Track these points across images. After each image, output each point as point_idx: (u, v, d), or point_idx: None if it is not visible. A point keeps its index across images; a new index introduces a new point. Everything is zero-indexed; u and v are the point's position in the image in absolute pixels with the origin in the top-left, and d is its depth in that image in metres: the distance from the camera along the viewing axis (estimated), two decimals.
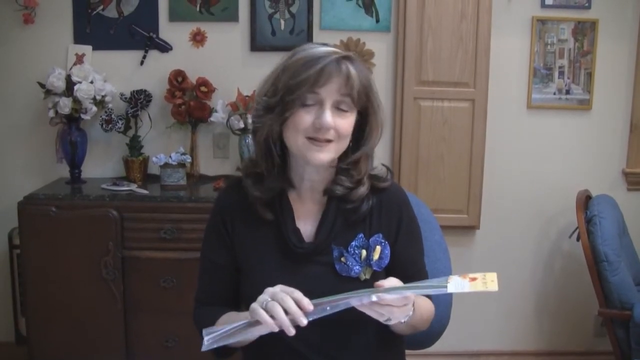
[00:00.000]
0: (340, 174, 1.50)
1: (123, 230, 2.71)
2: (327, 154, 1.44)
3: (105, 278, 2.71)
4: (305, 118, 1.42)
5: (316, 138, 1.42)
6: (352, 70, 1.42)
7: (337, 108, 1.43)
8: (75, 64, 3.02)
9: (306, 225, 1.52)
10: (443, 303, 1.85)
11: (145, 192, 2.83)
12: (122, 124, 2.99)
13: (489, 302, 3.36)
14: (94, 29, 3.06)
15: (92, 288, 2.71)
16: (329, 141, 1.43)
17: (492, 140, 3.17)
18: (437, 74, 3.06)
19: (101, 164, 3.16)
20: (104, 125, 2.97)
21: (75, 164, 3.01)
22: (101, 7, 3.05)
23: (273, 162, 1.50)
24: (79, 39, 3.07)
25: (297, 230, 1.50)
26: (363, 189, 1.50)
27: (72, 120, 2.96)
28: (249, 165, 1.54)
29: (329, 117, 1.40)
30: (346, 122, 1.44)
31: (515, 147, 3.27)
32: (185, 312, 2.70)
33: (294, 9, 3.08)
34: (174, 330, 2.75)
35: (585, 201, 2.93)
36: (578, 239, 2.84)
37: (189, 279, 2.69)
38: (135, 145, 3.05)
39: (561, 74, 3.21)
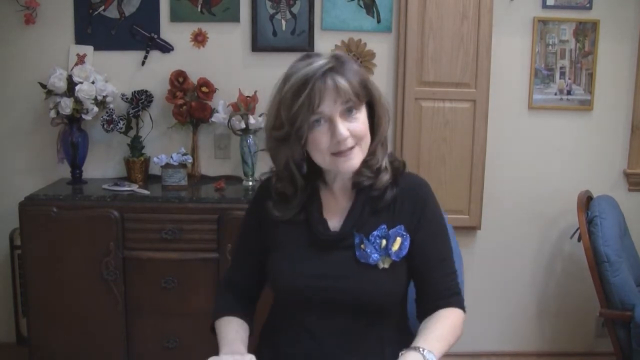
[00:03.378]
0: (361, 167, 1.55)
1: (124, 230, 2.71)
2: (355, 160, 1.52)
3: (106, 279, 2.71)
4: (322, 139, 1.49)
5: (340, 151, 1.49)
6: (339, 79, 1.46)
7: (347, 113, 1.49)
8: (76, 64, 3.02)
9: (336, 217, 1.60)
10: None
11: (146, 192, 2.83)
12: (123, 125, 2.99)
13: (490, 303, 3.36)
14: (95, 30, 3.06)
15: (93, 289, 2.71)
16: (353, 147, 1.50)
17: (493, 140, 3.17)
18: (438, 75, 3.06)
19: (102, 165, 3.16)
20: (105, 126, 2.97)
21: (76, 164, 3.01)
22: (102, 7, 3.05)
23: (296, 184, 1.59)
24: (80, 39, 3.07)
25: (324, 221, 1.59)
26: (386, 177, 1.57)
27: (73, 120, 2.96)
28: (276, 187, 1.62)
29: (342, 130, 1.47)
30: (359, 123, 1.51)
31: (516, 148, 3.27)
32: (186, 313, 2.72)
33: (295, 10, 3.08)
34: (174, 331, 2.75)
35: (587, 202, 2.93)
36: (579, 240, 2.84)
37: (190, 279, 2.71)
38: (136, 146, 3.05)
39: (562, 74, 3.21)
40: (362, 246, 1.54)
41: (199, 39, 3.09)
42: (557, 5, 3.16)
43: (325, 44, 3.10)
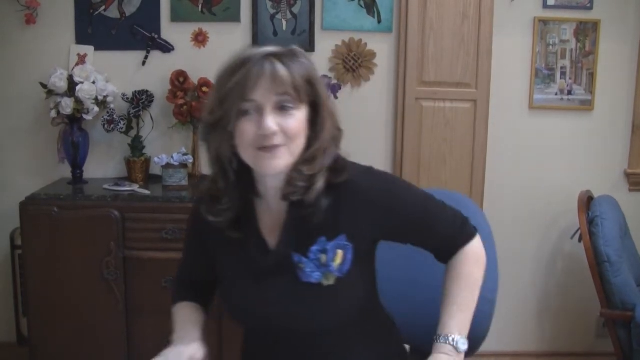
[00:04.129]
0: (292, 173, 1.36)
1: (125, 230, 2.71)
2: (280, 160, 1.33)
3: (107, 278, 2.71)
4: (247, 128, 1.31)
5: (264, 146, 1.31)
6: (279, 67, 1.31)
7: (281, 108, 1.32)
8: (77, 64, 3.02)
9: (274, 234, 1.44)
10: (482, 314, 1.79)
11: (147, 192, 2.83)
12: (124, 125, 3.00)
13: None
14: (96, 30, 3.06)
15: (93, 288, 2.71)
16: (280, 146, 1.32)
17: (494, 141, 3.16)
18: (439, 75, 3.06)
19: (103, 165, 3.16)
20: (105, 126, 2.97)
21: (77, 164, 3.01)
22: (103, 7, 3.05)
23: (228, 179, 1.41)
24: (81, 39, 3.07)
25: (262, 242, 1.44)
26: (317, 185, 1.36)
27: (74, 120, 2.96)
28: (208, 187, 1.45)
29: (269, 122, 1.30)
30: (293, 121, 1.32)
31: (517, 148, 3.27)
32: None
33: (295, 10, 3.08)
34: None
35: (587, 202, 2.92)
36: (580, 240, 2.83)
37: None
38: (137, 146, 3.05)
39: (563, 74, 3.21)
40: (301, 265, 1.37)
41: (200, 39, 3.09)
42: (557, 5, 3.16)
43: (326, 44, 3.10)
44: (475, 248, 1.49)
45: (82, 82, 2.89)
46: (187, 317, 1.58)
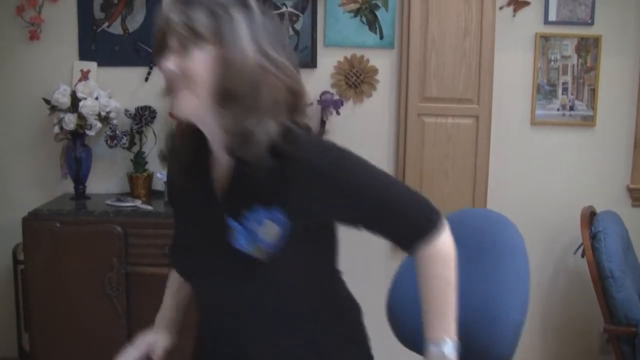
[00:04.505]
0: (226, 131, 1.27)
1: (127, 246, 2.71)
2: (181, 106, 1.25)
3: (109, 294, 2.70)
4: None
5: (167, 88, 1.27)
6: (174, 8, 1.24)
7: (183, 49, 1.24)
8: (80, 80, 3.03)
9: (223, 188, 1.36)
10: (503, 335, 1.72)
11: (149, 208, 2.83)
12: (126, 140, 3.01)
13: None
14: (99, 46, 3.08)
15: (95, 304, 2.71)
16: (182, 87, 1.24)
17: (496, 156, 3.17)
18: (441, 90, 3.06)
19: (105, 180, 3.16)
20: (108, 141, 2.98)
21: (79, 179, 3.02)
22: (106, 24, 3.07)
23: (183, 131, 1.40)
24: (84, 55, 3.08)
25: (210, 193, 1.37)
26: (256, 142, 1.24)
27: (77, 136, 2.97)
28: (169, 139, 1.45)
29: (164, 62, 1.25)
30: (190, 60, 1.23)
31: (519, 164, 3.27)
32: (189, 328, 2.71)
33: (298, 26, 3.09)
34: (178, 346, 2.74)
35: (590, 217, 2.92)
36: (583, 255, 2.83)
37: None
38: (139, 161, 3.06)
39: (565, 90, 3.21)
40: (234, 231, 1.28)
41: None
42: (559, 21, 3.17)
43: (328, 60, 3.11)
44: (442, 245, 1.34)
45: (85, 98, 2.90)
46: (173, 298, 1.72)
